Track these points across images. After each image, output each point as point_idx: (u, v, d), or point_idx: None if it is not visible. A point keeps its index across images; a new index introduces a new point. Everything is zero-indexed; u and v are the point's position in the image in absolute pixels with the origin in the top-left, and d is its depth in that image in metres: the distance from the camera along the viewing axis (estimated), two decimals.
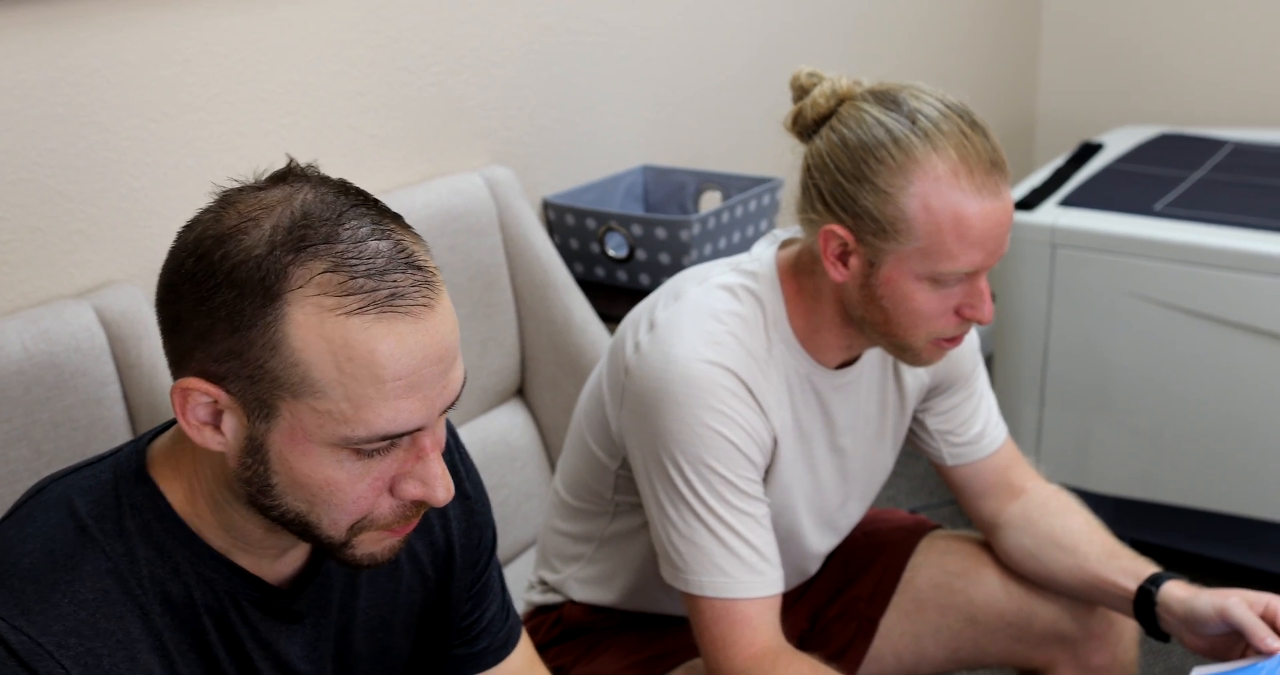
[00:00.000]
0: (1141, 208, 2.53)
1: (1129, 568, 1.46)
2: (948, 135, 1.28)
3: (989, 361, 2.61)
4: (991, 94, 3.49)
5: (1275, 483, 2.42)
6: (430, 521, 1.12)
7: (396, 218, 0.95)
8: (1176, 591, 1.41)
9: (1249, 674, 1.30)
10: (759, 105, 2.47)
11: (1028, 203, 2.58)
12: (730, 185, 2.24)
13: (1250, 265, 2.33)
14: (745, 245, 2.03)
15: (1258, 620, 1.33)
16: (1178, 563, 2.56)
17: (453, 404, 0.96)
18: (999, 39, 3.51)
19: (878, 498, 1.60)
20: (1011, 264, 2.51)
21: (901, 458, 1.60)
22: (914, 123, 1.29)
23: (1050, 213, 2.53)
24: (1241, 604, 1.34)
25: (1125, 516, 2.59)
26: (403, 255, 0.92)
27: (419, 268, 0.92)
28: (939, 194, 1.27)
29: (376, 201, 0.95)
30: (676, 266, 1.99)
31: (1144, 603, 1.43)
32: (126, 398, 1.43)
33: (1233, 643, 1.35)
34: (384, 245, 0.91)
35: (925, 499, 1.71)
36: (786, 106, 1.39)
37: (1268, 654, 1.31)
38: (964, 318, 1.34)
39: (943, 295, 1.31)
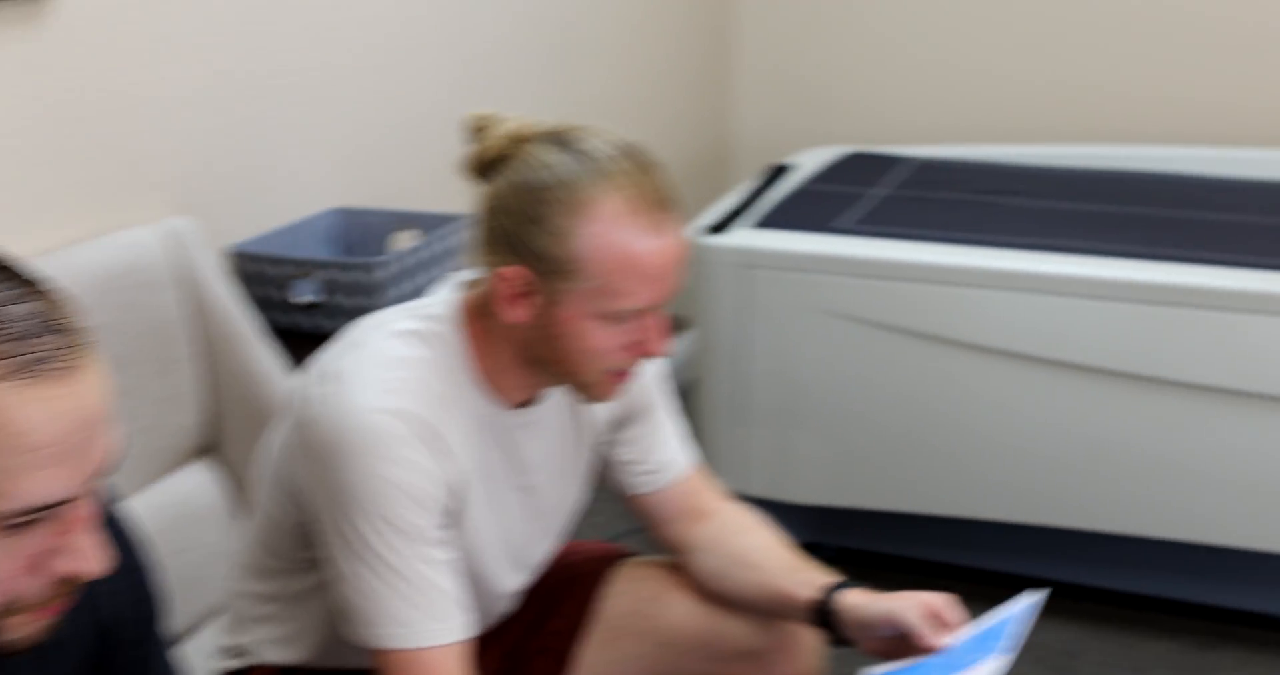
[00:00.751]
0: (831, 226, 2.61)
1: (809, 580, 1.51)
2: (618, 175, 1.31)
3: (693, 388, 2.66)
4: (686, 122, 3.59)
5: (965, 482, 2.54)
6: (92, 596, 1.07)
7: (39, 281, 0.92)
8: (851, 599, 1.47)
9: (915, 672, 1.38)
10: (454, 142, 2.48)
11: (721, 226, 2.62)
12: (426, 224, 2.23)
13: (935, 277, 2.44)
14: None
15: (919, 621, 1.40)
16: (883, 565, 2.67)
17: (106, 472, 0.93)
18: (692, 69, 3.61)
19: (583, 525, 1.62)
20: (709, 287, 2.54)
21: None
22: (585, 163, 1.31)
23: (744, 235, 2.58)
24: (907, 606, 1.41)
25: (829, 525, 2.67)
26: (47, 319, 0.88)
27: (65, 331, 0.89)
28: (609, 234, 1.30)
29: (16, 265, 0.92)
30: (370, 309, 1.96)
31: (824, 612, 1.49)
32: None
33: (903, 643, 1.42)
34: (26, 309, 0.88)
35: (631, 524, 1.74)
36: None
37: (931, 651, 1.39)
38: (638, 353, 1.37)
39: (617, 332, 1.34)
